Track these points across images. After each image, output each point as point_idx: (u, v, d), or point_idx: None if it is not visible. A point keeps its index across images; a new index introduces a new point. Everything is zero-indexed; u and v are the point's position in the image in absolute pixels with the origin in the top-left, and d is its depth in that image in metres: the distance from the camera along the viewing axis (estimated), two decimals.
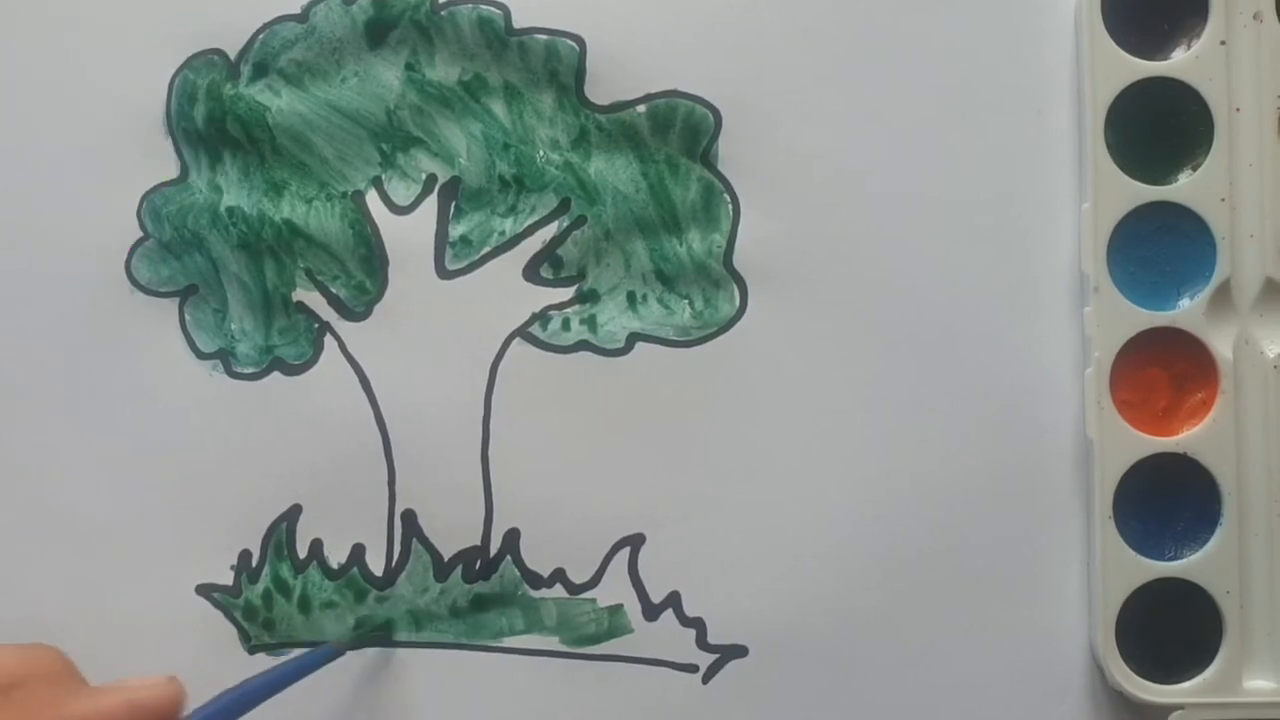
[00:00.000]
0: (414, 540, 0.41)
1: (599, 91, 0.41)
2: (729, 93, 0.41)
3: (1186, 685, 0.40)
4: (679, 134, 0.41)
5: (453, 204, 0.41)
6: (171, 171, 0.42)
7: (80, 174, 0.42)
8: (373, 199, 0.42)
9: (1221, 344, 0.40)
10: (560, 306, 0.42)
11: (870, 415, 0.41)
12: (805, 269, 0.41)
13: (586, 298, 0.42)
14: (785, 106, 0.41)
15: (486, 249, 0.42)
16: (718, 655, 0.41)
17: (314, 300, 0.42)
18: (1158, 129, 0.40)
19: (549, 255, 0.41)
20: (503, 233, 0.41)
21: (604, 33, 0.41)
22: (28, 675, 0.32)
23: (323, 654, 0.40)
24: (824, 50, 0.41)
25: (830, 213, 0.41)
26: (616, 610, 0.41)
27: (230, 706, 0.34)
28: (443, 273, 0.42)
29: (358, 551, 0.42)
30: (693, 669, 0.41)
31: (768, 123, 0.41)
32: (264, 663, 0.41)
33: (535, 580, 0.41)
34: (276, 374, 0.42)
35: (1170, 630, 0.40)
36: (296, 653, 0.41)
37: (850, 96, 0.41)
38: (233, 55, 0.41)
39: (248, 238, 0.41)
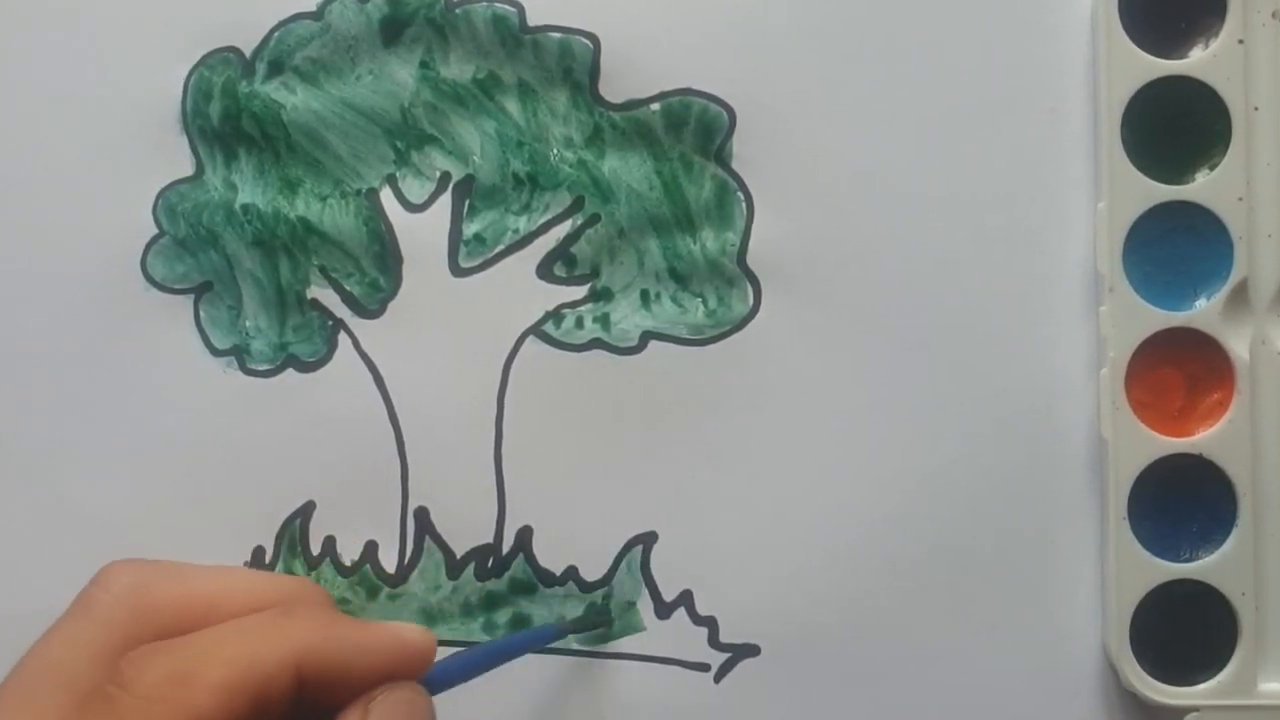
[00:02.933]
0: (426, 538, 0.42)
1: (613, 90, 0.41)
2: (743, 91, 0.41)
3: (1201, 687, 0.39)
4: (693, 132, 0.41)
5: (466, 202, 0.42)
6: (187, 169, 0.42)
7: (96, 171, 0.42)
8: (387, 197, 0.42)
9: (1238, 344, 0.39)
10: (574, 305, 0.42)
11: (883, 414, 0.41)
12: (819, 268, 0.41)
13: (600, 296, 0.42)
14: (799, 105, 0.41)
15: (500, 247, 0.42)
16: (730, 654, 0.41)
17: (328, 298, 0.42)
18: (1174, 128, 0.40)
19: (562, 253, 0.41)
20: (516, 231, 0.42)
21: (618, 31, 0.41)
22: (296, 597, 0.33)
23: (548, 632, 0.40)
24: (837, 49, 0.41)
25: (844, 212, 0.41)
26: (628, 608, 0.41)
27: (467, 666, 0.35)
28: (456, 270, 0.42)
29: (370, 549, 0.42)
30: (704, 668, 0.41)
31: (782, 122, 0.41)
32: None
33: (547, 578, 0.41)
34: (290, 371, 0.42)
35: (1185, 632, 0.39)
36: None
37: (864, 95, 0.41)
38: (248, 53, 0.42)
39: (262, 235, 0.42)
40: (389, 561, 0.42)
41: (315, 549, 0.42)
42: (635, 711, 0.41)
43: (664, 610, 0.41)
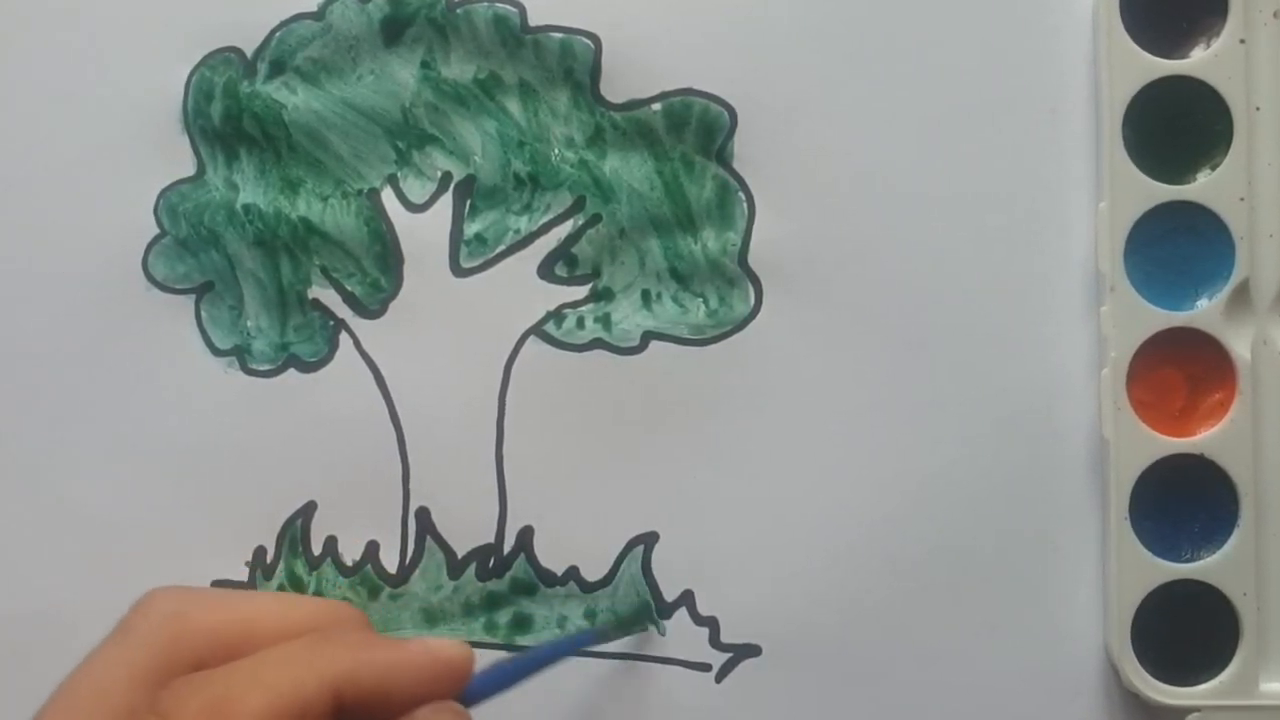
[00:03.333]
0: (428, 538, 0.42)
1: (614, 90, 0.41)
2: (744, 91, 0.41)
3: (1202, 688, 0.39)
4: (694, 132, 0.41)
5: (467, 202, 0.42)
6: (188, 169, 0.42)
7: (97, 171, 0.42)
8: (388, 197, 0.42)
9: (1240, 344, 0.39)
10: (575, 305, 0.42)
11: (884, 414, 0.41)
12: (820, 268, 0.41)
13: (601, 296, 0.42)
14: (800, 105, 0.41)
15: (501, 247, 0.42)
16: (731, 654, 0.41)
17: (329, 298, 0.42)
18: (1175, 128, 0.40)
19: (563, 253, 0.41)
20: (517, 231, 0.42)
21: (619, 31, 0.41)
22: (332, 621, 0.33)
23: (591, 635, 0.40)
24: (839, 49, 0.41)
25: (845, 212, 0.41)
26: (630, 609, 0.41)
27: (505, 678, 0.35)
28: (457, 270, 0.42)
29: (372, 549, 0.42)
30: (706, 668, 0.41)
31: (783, 121, 0.41)
32: None
33: (548, 578, 0.41)
34: (292, 371, 0.42)
35: (1186, 632, 0.39)
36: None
37: (865, 95, 0.41)
38: (249, 53, 0.42)
39: (263, 235, 0.42)
40: (390, 562, 0.42)
41: (316, 549, 0.42)
42: (636, 711, 0.41)
43: (665, 610, 0.41)
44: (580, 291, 0.42)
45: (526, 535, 0.41)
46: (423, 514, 0.42)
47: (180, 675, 0.31)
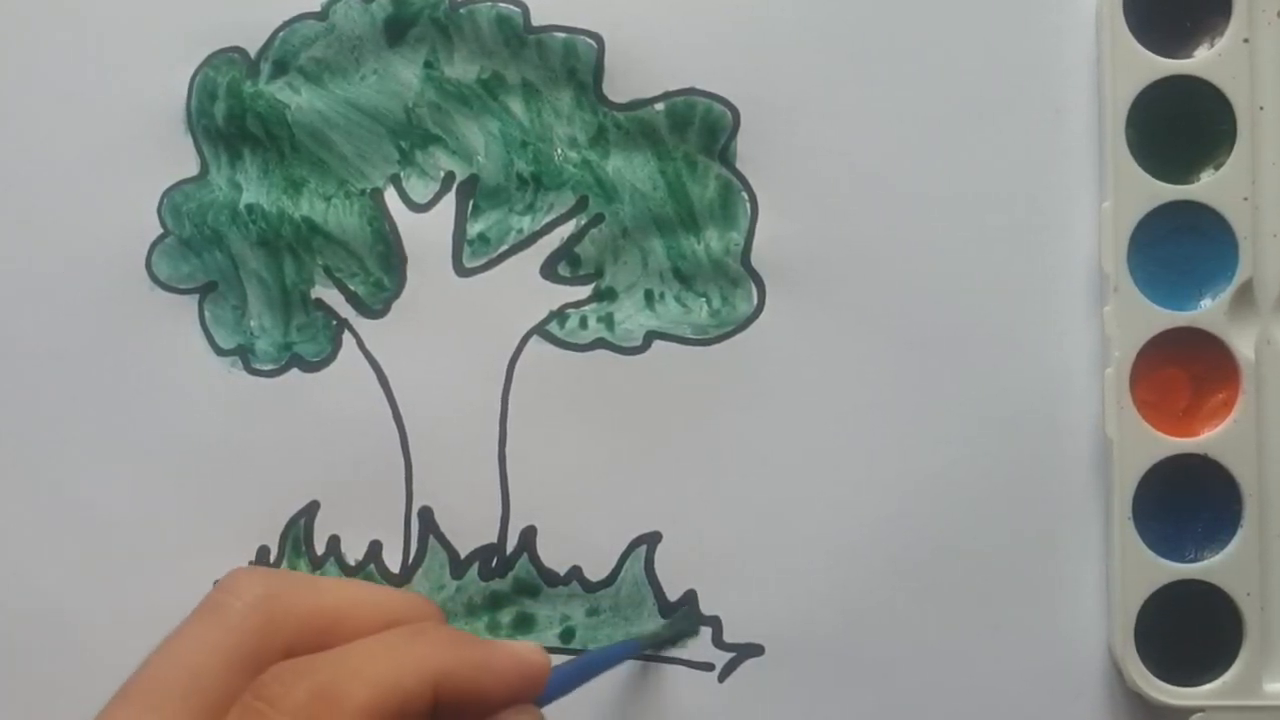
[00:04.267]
0: (430, 537, 0.42)
1: (617, 89, 0.41)
2: (747, 91, 0.41)
3: (1206, 688, 0.39)
4: (697, 132, 0.41)
5: (470, 202, 0.42)
6: (192, 169, 0.42)
7: (100, 171, 0.42)
8: (391, 196, 0.42)
9: (1243, 344, 0.39)
10: (577, 304, 0.42)
11: (887, 414, 0.41)
12: (823, 268, 0.41)
13: (604, 296, 0.42)
14: (803, 105, 0.41)
15: (504, 247, 0.42)
16: (734, 654, 0.41)
17: (332, 297, 0.42)
18: (1179, 128, 0.40)
19: (567, 253, 0.42)
20: (520, 230, 0.42)
21: (622, 31, 0.41)
22: (416, 614, 0.33)
23: (629, 647, 0.40)
24: (842, 49, 0.41)
25: (848, 212, 0.41)
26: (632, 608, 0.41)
27: (566, 683, 0.35)
28: (460, 270, 0.42)
29: (375, 548, 0.42)
30: (709, 667, 0.41)
31: (786, 121, 0.41)
32: None
33: (551, 578, 0.41)
34: (295, 371, 0.42)
35: (1190, 632, 0.39)
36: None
37: (868, 95, 0.41)
38: (253, 53, 0.42)
39: (267, 235, 0.42)
40: (393, 561, 0.42)
41: (320, 549, 0.42)
42: (639, 711, 0.41)
43: (668, 610, 0.41)
44: (583, 291, 0.42)
45: (529, 535, 0.41)
46: (425, 513, 0.42)
47: (272, 660, 0.30)
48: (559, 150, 0.41)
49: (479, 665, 0.31)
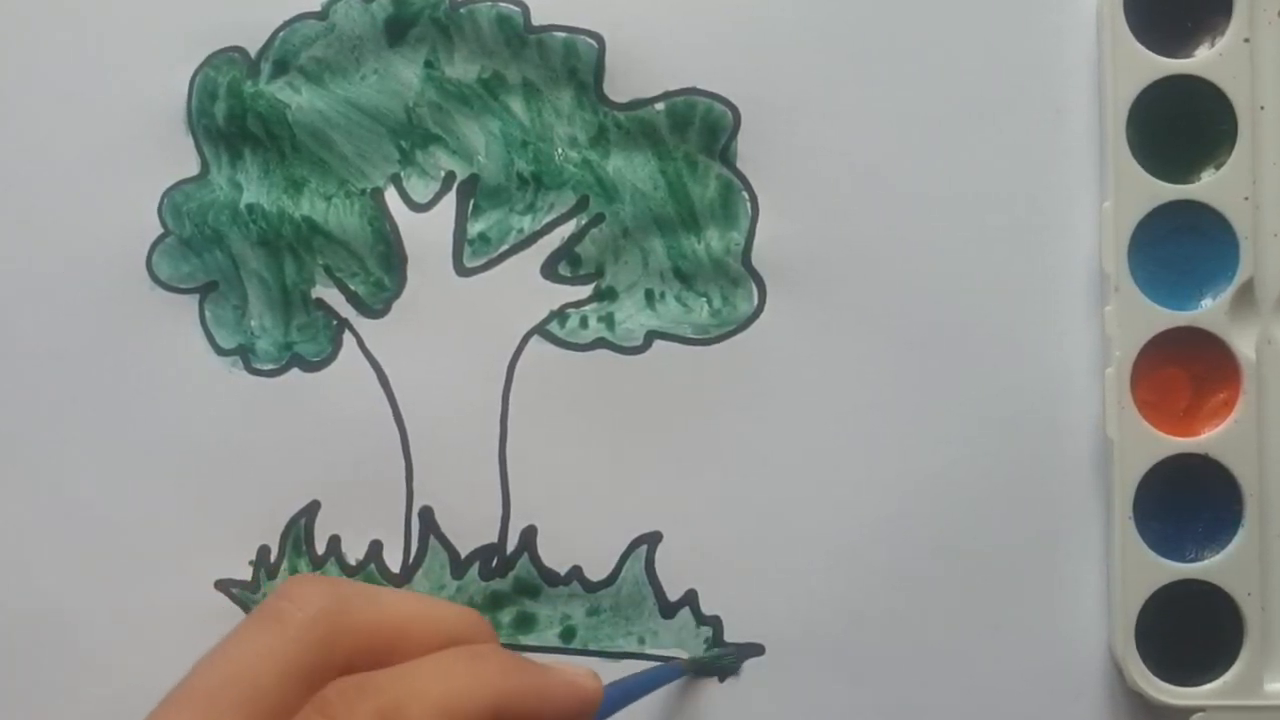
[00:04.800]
0: (431, 537, 0.42)
1: (617, 89, 0.41)
2: (747, 91, 0.41)
3: (1207, 688, 0.39)
4: (697, 132, 0.41)
5: (471, 201, 0.42)
6: (192, 169, 0.42)
7: (101, 171, 0.42)
8: (391, 196, 0.42)
9: (1244, 344, 0.39)
10: (578, 304, 0.42)
11: (888, 414, 0.41)
12: (823, 267, 0.41)
13: (604, 295, 0.42)
14: (804, 105, 0.41)
15: (504, 246, 0.42)
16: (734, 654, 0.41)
17: (333, 297, 0.42)
18: (1180, 127, 0.40)
19: (567, 253, 0.42)
20: (521, 230, 0.42)
21: (623, 30, 0.41)
22: (473, 631, 0.33)
23: (667, 672, 0.40)
24: (842, 48, 0.41)
25: (849, 211, 0.41)
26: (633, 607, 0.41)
27: (614, 703, 0.35)
28: (461, 270, 0.42)
29: (375, 548, 0.42)
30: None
31: (786, 121, 0.41)
32: None
33: (552, 578, 0.41)
34: (295, 371, 0.42)
35: (1190, 632, 0.39)
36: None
37: (869, 95, 0.41)
38: (253, 53, 0.42)
39: (267, 235, 0.42)
40: (393, 561, 0.42)
41: (320, 548, 0.42)
42: (640, 710, 0.41)
43: (668, 610, 0.41)
44: (584, 291, 0.42)
45: (530, 535, 0.41)
46: (426, 513, 0.42)
47: (330, 675, 0.30)
48: (559, 150, 0.41)
49: (537, 693, 0.31)
